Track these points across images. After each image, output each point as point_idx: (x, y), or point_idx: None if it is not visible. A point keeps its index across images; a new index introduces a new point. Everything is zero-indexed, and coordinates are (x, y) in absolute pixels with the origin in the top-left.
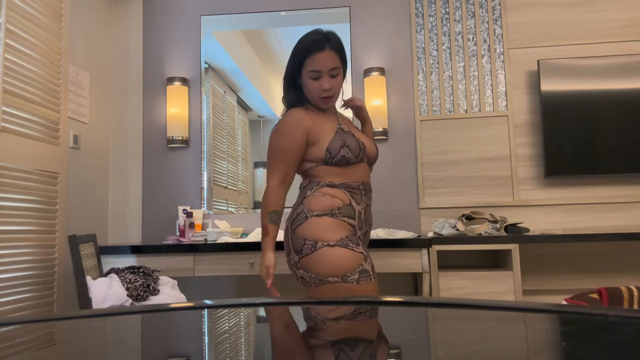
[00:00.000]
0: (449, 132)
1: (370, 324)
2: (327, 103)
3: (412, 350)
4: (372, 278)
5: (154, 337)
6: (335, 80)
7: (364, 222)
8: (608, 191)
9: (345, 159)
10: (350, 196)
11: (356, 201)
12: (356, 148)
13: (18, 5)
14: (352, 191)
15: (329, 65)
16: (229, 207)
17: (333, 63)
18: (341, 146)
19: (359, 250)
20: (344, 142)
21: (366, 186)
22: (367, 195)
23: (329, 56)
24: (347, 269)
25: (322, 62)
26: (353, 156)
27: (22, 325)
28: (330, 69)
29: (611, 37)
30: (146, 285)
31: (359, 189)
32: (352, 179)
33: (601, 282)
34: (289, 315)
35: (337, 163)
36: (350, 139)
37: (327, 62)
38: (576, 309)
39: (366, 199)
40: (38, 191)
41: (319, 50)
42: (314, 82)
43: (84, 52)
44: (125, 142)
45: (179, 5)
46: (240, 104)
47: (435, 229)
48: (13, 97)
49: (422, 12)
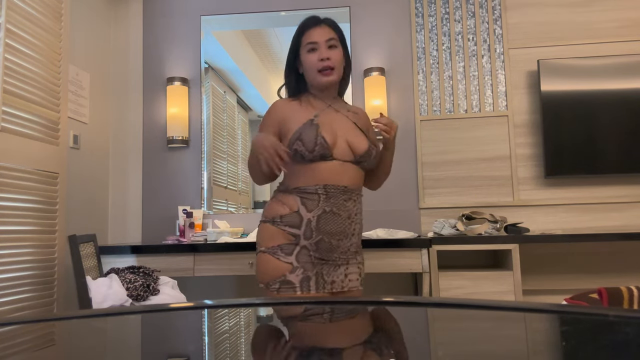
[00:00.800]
0: (449, 132)
1: (370, 324)
2: (327, 76)
3: (412, 350)
4: (298, 290)
5: (154, 337)
6: (333, 51)
7: (315, 230)
8: (608, 191)
9: (299, 153)
10: (301, 202)
11: (307, 208)
12: (311, 142)
13: (18, 5)
14: (306, 197)
15: (325, 37)
16: (229, 207)
17: (329, 34)
18: (295, 139)
19: (287, 261)
20: (300, 135)
21: (331, 189)
22: (330, 201)
23: (324, 30)
24: (270, 278)
25: (317, 34)
26: (306, 151)
27: (22, 325)
28: (327, 39)
29: (611, 37)
30: (146, 285)
31: (315, 193)
32: (309, 182)
33: (601, 282)
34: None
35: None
36: (309, 132)
37: (322, 34)
38: (576, 309)
39: (327, 205)
40: (38, 191)
41: (314, 25)
42: (311, 55)
43: (84, 52)
44: (125, 142)
45: (179, 5)
46: (240, 104)
47: (435, 229)
48: (13, 97)
49: (422, 12)
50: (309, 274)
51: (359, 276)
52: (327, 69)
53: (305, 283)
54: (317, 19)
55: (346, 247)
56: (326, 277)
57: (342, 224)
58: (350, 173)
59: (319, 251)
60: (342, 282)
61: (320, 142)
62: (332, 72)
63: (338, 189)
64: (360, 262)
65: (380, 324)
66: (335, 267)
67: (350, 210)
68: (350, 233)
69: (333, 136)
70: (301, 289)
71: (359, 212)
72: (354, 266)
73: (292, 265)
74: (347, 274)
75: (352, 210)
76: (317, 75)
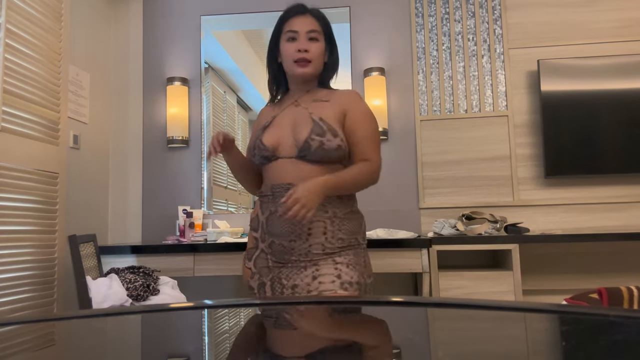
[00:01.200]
0: (449, 132)
1: (370, 324)
2: (302, 67)
3: (412, 350)
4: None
5: (154, 337)
6: (313, 44)
7: (267, 233)
8: (608, 191)
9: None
10: (259, 206)
11: (262, 211)
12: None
13: (18, 5)
14: (262, 200)
15: (307, 27)
16: (229, 207)
17: (312, 26)
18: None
19: (248, 266)
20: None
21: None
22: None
23: (307, 19)
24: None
25: (300, 23)
26: (251, 155)
27: (22, 325)
28: (308, 30)
29: (611, 37)
30: (146, 285)
31: (267, 195)
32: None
33: (601, 282)
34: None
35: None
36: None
37: (305, 24)
38: (576, 309)
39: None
40: (38, 191)
41: (297, 14)
42: (289, 45)
43: (84, 52)
44: (125, 142)
45: (179, 5)
46: (240, 104)
47: (435, 229)
48: (13, 97)
49: (422, 12)
50: (264, 279)
51: (336, 278)
52: (303, 61)
53: (261, 289)
54: (302, 8)
55: (304, 249)
56: (285, 281)
57: (289, 225)
58: (297, 169)
59: (274, 254)
60: (307, 286)
61: (258, 145)
62: (308, 65)
63: (282, 187)
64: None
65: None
66: (298, 269)
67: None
68: (305, 233)
69: (279, 134)
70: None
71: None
72: (328, 267)
73: (252, 270)
74: (316, 276)
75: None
76: (292, 65)
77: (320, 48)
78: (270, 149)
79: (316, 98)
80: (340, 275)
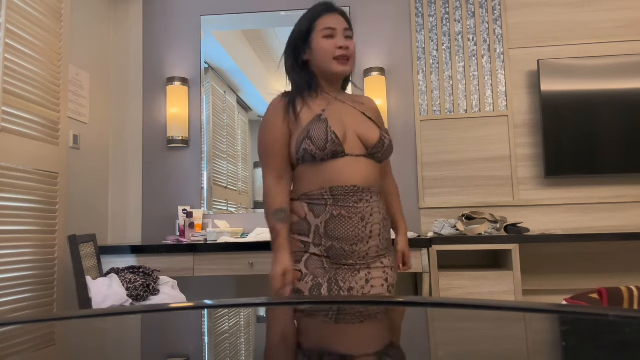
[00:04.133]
0: (449, 132)
1: (371, 324)
2: (343, 65)
3: (412, 350)
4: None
5: (154, 337)
6: (350, 42)
7: (324, 236)
8: (608, 191)
9: (308, 153)
10: (308, 209)
11: (315, 214)
12: (321, 140)
13: (18, 5)
14: (312, 203)
15: (343, 25)
16: (229, 207)
17: (345, 24)
18: (304, 138)
19: (295, 268)
20: (308, 133)
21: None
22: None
23: (340, 19)
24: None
25: (335, 21)
26: (317, 149)
27: (22, 325)
28: (345, 28)
29: (611, 37)
30: (146, 285)
31: (322, 198)
32: (314, 187)
33: (601, 282)
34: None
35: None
36: (319, 128)
37: (340, 22)
38: (576, 309)
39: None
40: (38, 191)
41: (331, 11)
42: (328, 41)
43: (84, 52)
44: (125, 142)
45: (178, 5)
46: (240, 104)
47: (435, 229)
48: (13, 97)
49: (422, 12)
50: (320, 280)
51: (384, 282)
52: (343, 58)
53: (316, 290)
54: (333, 6)
55: (364, 252)
56: (342, 282)
57: (355, 228)
58: (363, 169)
59: (332, 257)
60: (362, 289)
61: (332, 138)
62: (348, 62)
63: (346, 189)
64: (387, 266)
65: (379, 324)
66: (353, 272)
67: (363, 212)
68: (366, 236)
69: (342, 130)
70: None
71: (376, 212)
72: (378, 271)
73: (302, 272)
74: (368, 279)
75: (365, 212)
76: (332, 62)
77: (354, 45)
78: (342, 143)
79: (352, 98)
80: (387, 279)
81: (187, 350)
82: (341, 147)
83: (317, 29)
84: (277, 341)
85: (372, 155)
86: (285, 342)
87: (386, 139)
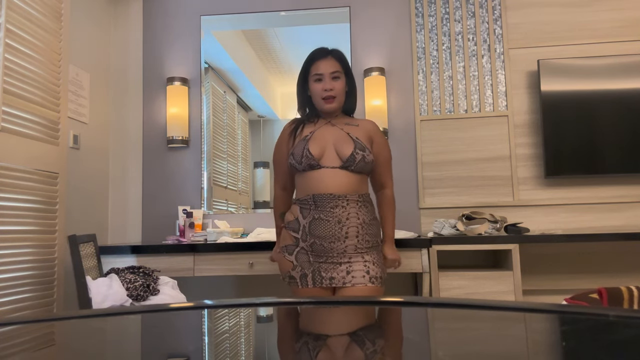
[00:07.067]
0: (449, 132)
1: (370, 324)
2: (329, 103)
3: (412, 350)
4: (300, 284)
5: (154, 337)
6: (336, 82)
7: (309, 234)
8: (608, 191)
9: (292, 166)
10: (300, 211)
11: (303, 216)
12: (299, 155)
13: (18, 5)
14: (303, 206)
15: (330, 69)
16: (229, 207)
17: (333, 67)
18: (290, 154)
19: (289, 259)
20: (293, 151)
21: (319, 198)
22: (318, 209)
23: (330, 62)
24: (282, 272)
25: (324, 66)
26: (296, 163)
27: (22, 325)
28: (331, 72)
29: (611, 37)
30: (146, 285)
31: (308, 203)
32: (303, 194)
33: (601, 282)
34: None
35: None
36: (299, 147)
37: (328, 66)
38: (576, 309)
39: (316, 213)
40: (38, 191)
41: (321, 57)
42: (317, 85)
43: (84, 52)
44: (125, 142)
45: (178, 5)
46: (240, 104)
47: (435, 229)
48: (13, 97)
49: (422, 12)
50: (306, 271)
51: (365, 274)
52: (329, 98)
53: (303, 279)
54: (325, 51)
55: (341, 249)
56: (324, 273)
57: (332, 229)
58: (339, 180)
59: (314, 252)
60: (343, 279)
61: (306, 154)
62: (333, 100)
63: (324, 196)
64: (369, 261)
65: (379, 324)
66: (334, 265)
67: (339, 216)
68: (342, 236)
69: (322, 147)
70: (301, 283)
71: (353, 216)
72: (359, 264)
73: (293, 263)
74: (349, 271)
75: (341, 216)
76: (321, 101)
77: (342, 84)
78: (316, 158)
79: (347, 122)
80: (369, 271)
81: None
82: (315, 160)
83: (310, 74)
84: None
85: (347, 168)
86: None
87: (358, 155)
